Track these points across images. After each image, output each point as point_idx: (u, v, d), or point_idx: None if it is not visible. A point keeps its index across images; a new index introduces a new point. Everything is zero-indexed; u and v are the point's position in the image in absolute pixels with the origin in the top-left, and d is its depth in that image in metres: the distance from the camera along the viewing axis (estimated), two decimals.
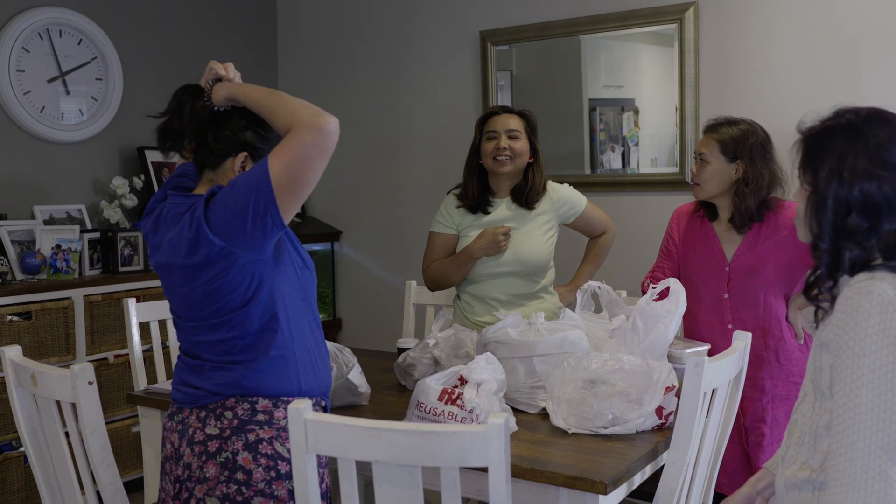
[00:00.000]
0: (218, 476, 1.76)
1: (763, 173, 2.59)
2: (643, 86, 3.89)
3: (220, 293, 1.77)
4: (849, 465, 1.29)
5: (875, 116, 1.47)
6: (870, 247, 1.39)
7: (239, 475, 1.76)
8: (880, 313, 1.31)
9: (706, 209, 2.73)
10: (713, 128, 2.66)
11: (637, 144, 3.87)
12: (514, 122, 2.85)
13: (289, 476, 1.78)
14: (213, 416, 1.80)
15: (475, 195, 2.88)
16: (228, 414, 1.79)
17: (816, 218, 1.46)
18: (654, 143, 3.84)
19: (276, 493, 1.77)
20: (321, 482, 1.80)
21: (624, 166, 3.90)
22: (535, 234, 2.86)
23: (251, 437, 1.78)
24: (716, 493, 2.45)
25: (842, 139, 1.45)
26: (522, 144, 2.84)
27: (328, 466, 1.89)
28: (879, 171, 1.41)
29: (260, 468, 1.77)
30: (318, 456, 1.80)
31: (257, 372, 1.80)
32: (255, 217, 1.69)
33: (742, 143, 2.59)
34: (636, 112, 3.87)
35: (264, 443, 1.78)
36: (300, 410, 1.50)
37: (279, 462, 1.78)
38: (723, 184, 2.62)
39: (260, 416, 1.79)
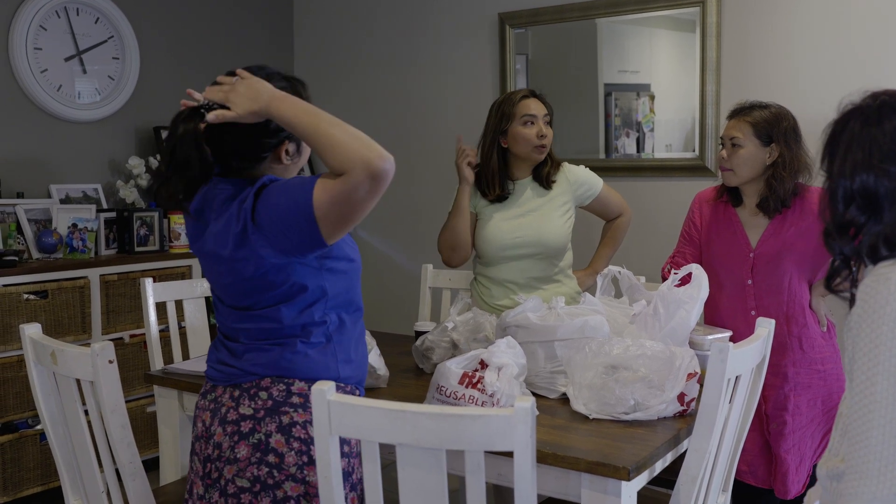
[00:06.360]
0: (249, 457, 1.72)
1: (799, 156, 2.56)
2: (659, 71, 3.86)
3: (261, 288, 1.73)
4: (863, 453, 1.28)
5: (891, 103, 1.42)
6: (875, 237, 1.37)
7: (271, 458, 1.71)
8: None
9: (730, 195, 2.70)
10: (744, 111, 2.62)
11: (652, 130, 3.84)
12: (545, 108, 2.82)
13: None
14: (247, 395, 1.75)
15: (498, 184, 2.83)
16: (263, 394, 1.75)
17: (828, 207, 1.44)
18: (669, 128, 3.81)
19: (307, 478, 1.72)
20: (352, 472, 1.77)
21: (638, 151, 3.88)
22: (552, 215, 2.83)
23: (285, 419, 1.73)
24: (735, 481, 2.44)
25: (854, 126, 1.42)
26: (551, 130, 2.82)
27: (359, 457, 1.80)
28: (882, 163, 1.37)
29: (292, 452, 1.72)
30: (352, 446, 1.78)
31: (295, 354, 1.76)
32: (297, 234, 1.64)
33: (776, 125, 2.56)
34: (651, 97, 3.83)
35: (298, 426, 1.73)
36: (324, 392, 1.49)
37: (312, 447, 1.71)
38: (755, 168, 2.58)
39: (295, 399, 1.74)
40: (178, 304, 2.96)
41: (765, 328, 2.13)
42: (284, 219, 1.64)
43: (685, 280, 2.32)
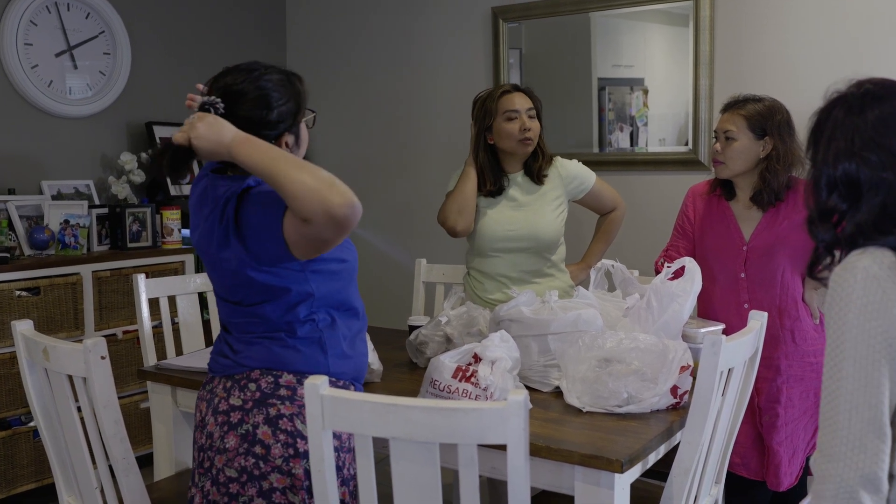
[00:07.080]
0: (237, 448, 1.75)
1: (793, 149, 2.56)
2: (653, 65, 3.86)
3: (245, 285, 1.77)
4: (831, 436, 1.31)
5: (874, 91, 1.44)
6: (854, 226, 1.39)
7: (257, 449, 1.74)
8: (863, 288, 1.32)
9: (723, 188, 2.71)
10: (738, 104, 2.62)
11: (646, 124, 3.84)
12: (529, 101, 2.81)
13: (307, 455, 1.74)
14: (237, 386, 1.79)
15: (493, 180, 2.83)
16: (252, 386, 1.77)
17: (811, 195, 1.46)
18: (662, 122, 3.81)
19: (293, 470, 1.74)
20: (343, 467, 1.78)
21: (632, 145, 3.88)
22: (545, 209, 2.83)
23: (272, 411, 1.75)
24: (728, 473, 2.44)
25: (838, 115, 1.44)
26: (537, 123, 2.81)
27: (352, 452, 1.83)
28: (863, 151, 1.39)
29: (278, 444, 1.74)
30: (342, 441, 1.79)
31: (284, 348, 1.79)
32: (270, 250, 1.71)
33: (770, 119, 2.56)
34: (645, 92, 3.84)
35: (285, 419, 1.75)
36: (317, 386, 1.49)
37: (298, 440, 1.75)
38: (749, 161, 2.59)
39: (282, 391, 1.76)
40: (172, 300, 2.95)
41: (757, 321, 2.13)
42: (257, 235, 1.70)
43: (678, 273, 2.32)
